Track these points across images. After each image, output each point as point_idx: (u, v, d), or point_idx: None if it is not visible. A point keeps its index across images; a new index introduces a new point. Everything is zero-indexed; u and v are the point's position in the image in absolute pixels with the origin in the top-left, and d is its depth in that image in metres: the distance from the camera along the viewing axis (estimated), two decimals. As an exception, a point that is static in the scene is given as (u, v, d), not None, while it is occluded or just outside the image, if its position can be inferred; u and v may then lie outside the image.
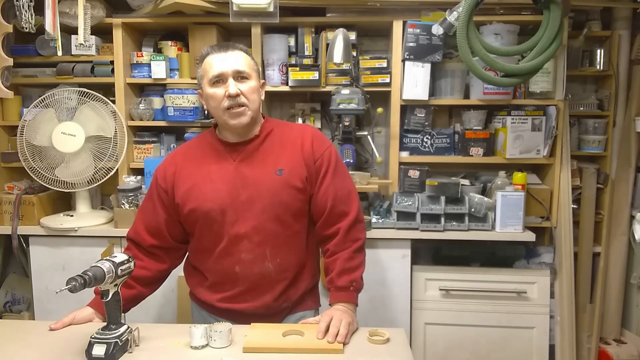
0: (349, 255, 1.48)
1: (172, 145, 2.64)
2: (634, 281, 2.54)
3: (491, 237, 2.33)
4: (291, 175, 1.46)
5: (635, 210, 2.50)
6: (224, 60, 1.43)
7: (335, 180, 1.51)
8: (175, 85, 2.47)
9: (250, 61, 1.48)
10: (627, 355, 2.45)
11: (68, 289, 1.16)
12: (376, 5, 2.30)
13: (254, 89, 1.46)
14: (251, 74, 1.46)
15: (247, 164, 1.47)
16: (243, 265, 1.46)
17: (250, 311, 1.49)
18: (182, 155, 1.56)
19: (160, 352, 1.31)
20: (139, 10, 2.45)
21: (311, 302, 1.62)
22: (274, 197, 1.44)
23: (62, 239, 2.35)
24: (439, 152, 2.49)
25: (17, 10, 1.96)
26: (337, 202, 1.49)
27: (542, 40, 1.97)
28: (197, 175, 1.49)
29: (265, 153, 1.49)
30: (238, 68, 1.43)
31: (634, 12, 2.43)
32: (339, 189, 1.51)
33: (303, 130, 1.55)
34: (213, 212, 1.45)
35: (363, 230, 1.55)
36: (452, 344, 2.37)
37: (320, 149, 1.51)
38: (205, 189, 1.46)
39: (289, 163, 1.47)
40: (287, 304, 1.54)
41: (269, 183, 1.45)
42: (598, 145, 2.53)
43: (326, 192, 1.49)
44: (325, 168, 1.50)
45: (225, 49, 1.45)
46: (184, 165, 1.52)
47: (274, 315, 1.53)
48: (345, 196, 1.51)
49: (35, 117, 2.35)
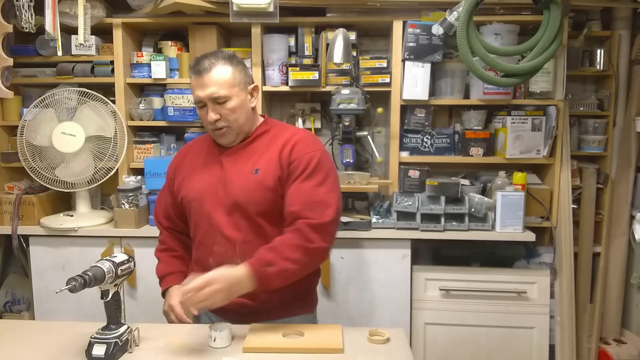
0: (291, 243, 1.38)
1: (172, 145, 2.64)
2: (634, 281, 2.54)
3: (491, 237, 2.33)
4: (265, 175, 1.46)
5: (635, 210, 2.50)
6: (200, 85, 1.44)
7: (305, 185, 1.44)
8: (175, 85, 2.47)
9: (228, 77, 1.44)
10: (627, 355, 2.45)
11: (68, 289, 1.16)
12: (376, 5, 2.30)
13: (235, 108, 1.46)
14: (229, 94, 1.44)
15: (231, 160, 1.52)
16: (215, 258, 1.47)
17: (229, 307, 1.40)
18: (188, 147, 1.68)
19: (160, 352, 1.31)
20: (139, 10, 2.45)
21: (301, 308, 1.57)
22: (246, 196, 1.46)
23: (62, 239, 2.35)
24: (439, 152, 2.49)
25: (17, 10, 1.96)
26: (304, 208, 1.41)
27: (542, 40, 1.97)
28: (191, 167, 1.59)
29: (250, 153, 1.52)
30: (213, 95, 1.43)
31: (634, 12, 2.43)
32: (310, 194, 1.43)
33: (294, 133, 1.53)
34: (195, 201, 1.53)
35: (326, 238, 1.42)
36: (452, 344, 2.37)
37: (300, 151, 1.47)
38: (193, 179, 1.55)
39: (266, 163, 1.48)
40: (266, 305, 1.48)
41: (244, 181, 1.47)
42: (598, 145, 2.53)
43: (294, 195, 1.44)
44: (299, 171, 1.45)
45: (200, 73, 1.43)
46: (186, 157, 1.63)
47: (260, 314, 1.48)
48: (314, 204, 1.42)
49: (35, 117, 2.35)
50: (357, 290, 2.32)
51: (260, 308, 1.50)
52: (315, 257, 1.44)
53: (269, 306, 1.50)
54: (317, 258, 1.46)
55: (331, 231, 1.44)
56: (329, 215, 1.41)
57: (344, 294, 2.32)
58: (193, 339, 1.38)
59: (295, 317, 1.55)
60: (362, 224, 2.28)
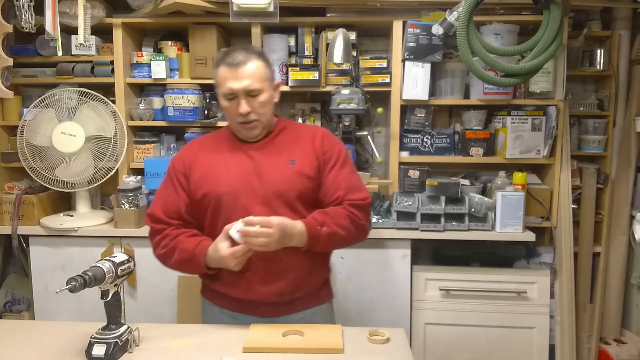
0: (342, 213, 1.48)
1: (172, 145, 2.64)
2: (634, 281, 2.54)
3: (491, 237, 2.33)
4: (303, 165, 1.52)
5: (635, 210, 2.50)
6: (234, 77, 1.45)
7: (342, 172, 1.54)
8: (175, 85, 2.47)
9: (262, 71, 1.49)
10: (627, 355, 2.45)
11: (68, 289, 1.16)
12: (376, 5, 2.30)
13: (265, 102, 1.50)
14: (262, 87, 1.48)
15: (261, 154, 1.53)
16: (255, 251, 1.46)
17: (263, 299, 1.50)
18: (198, 144, 1.62)
19: (160, 352, 1.31)
20: (139, 10, 2.45)
21: (324, 295, 1.64)
22: (286, 185, 1.49)
23: (62, 239, 2.35)
24: (439, 152, 2.49)
25: (17, 10, 1.96)
26: (348, 191, 1.51)
27: (542, 40, 1.97)
28: (212, 162, 1.54)
29: (279, 145, 1.55)
30: (248, 87, 1.45)
31: (634, 12, 2.43)
32: (349, 180, 1.54)
33: (315, 128, 1.65)
34: (226, 196, 1.49)
35: (367, 218, 1.55)
36: (452, 344, 2.37)
37: (329, 143, 1.58)
38: (220, 174, 1.51)
39: (301, 154, 1.53)
40: (301, 293, 1.54)
41: (283, 172, 1.50)
42: (598, 145, 2.53)
43: (335, 180, 1.52)
44: (334, 160, 1.55)
45: (235, 66, 1.45)
46: (200, 153, 1.58)
47: (288, 305, 1.53)
48: (354, 188, 1.53)
49: (35, 117, 2.35)
50: (357, 290, 2.32)
51: (291, 300, 1.53)
52: (360, 232, 1.53)
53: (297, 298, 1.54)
54: (361, 233, 1.54)
55: (370, 213, 1.59)
56: (368, 198, 1.55)
57: (344, 294, 2.31)
58: (193, 339, 1.38)
59: (323, 304, 1.62)
60: (362, 224, 2.28)
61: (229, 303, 1.55)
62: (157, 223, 1.54)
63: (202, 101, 2.50)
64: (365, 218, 1.54)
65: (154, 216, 1.54)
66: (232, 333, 1.41)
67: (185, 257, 1.47)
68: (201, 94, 2.49)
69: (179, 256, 1.48)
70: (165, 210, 1.54)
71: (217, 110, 2.56)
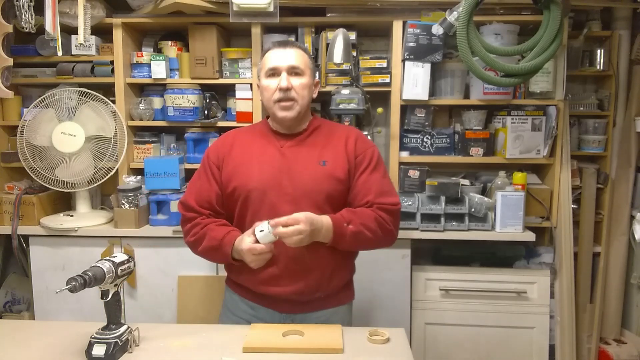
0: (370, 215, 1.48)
1: (172, 145, 2.64)
2: (634, 281, 2.54)
3: (491, 237, 2.33)
4: (334, 167, 1.53)
5: (635, 210, 2.50)
6: (281, 55, 1.52)
7: (374, 176, 1.55)
8: (175, 85, 2.47)
9: (306, 59, 1.56)
10: (627, 355, 2.45)
11: (68, 289, 1.16)
12: (376, 5, 2.30)
13: (305, 85, 1.54)
14: (305, 71, 1.54)
15: (293, 152, 1.55)
16: (279, 247, 1.47)
17: (284, 296, 1.51)
18: (233, 137, 1.64)
19: (160, 352, 1.31)
20: (139, 10, 2.44)
21: (345, 297, 1.64)
22: (315, 186, 1.50)
23: (62, 239, 2.35)
24: (439, 152, 2.49)
25: (17, 10, 1.96)
26: (378, 195, 1.52)
27: (542, 40, 1.97)
28: (244, 156, 1.56)
29: (311, 145, 1.56)
30: (292, 63, 1.51)
31: (634, 12, 2.43)
32: (380, 184, 1.54)
33: (349, 130, 1.65)
34: (255, 191, 1.50)
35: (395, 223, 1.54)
36: (452, 344, 2.37)
37: (363, 146, 1.58)
38: (251, 169, 1.53)
39: (332, 156, 1.54)
40: (321, 294, 1.55)
41: (313, 172, 1.51)
42: (598, 145, 2.53)
43: (366, 184, 1.53)
44: (366, 163, 1.55)
45: (284, 45, 1.54)
46: (234, 146, 1.59)
47: (307, 304, 1.55)
48: (385, 192, 1.54)
49: (35, 117, 2.35)
50: (357, 290, 2.30)
51: (311, 300, 1.55)
52: (387, 237, 1.53)
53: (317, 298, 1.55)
54: (387, 238, 1.54)
55: (399, 219, 1.58)
56: (399, 204, 1.55)
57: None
58: (193, 339, 1.38)
59: (342, 305, 1.62)
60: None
61: (249, 294, 1.58)
62: (189, 211, 1.57)
63: (202, 101, 2.50)
64: (394, 223, 1.54)
65: (187, 204, 1.57)
66: (232, 333, 1.42)
67: (213, 245, 1.49)
68: (201, 94, 2.49)
69: (207, 244, 1.50)
70: (198, 199, 1.56)
71: (217, 110, 2.56)
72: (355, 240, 1.47)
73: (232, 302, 1.63)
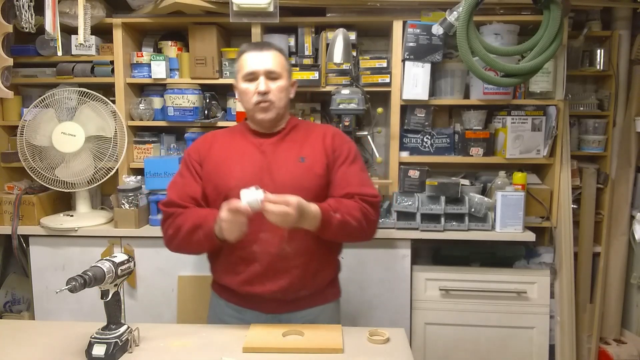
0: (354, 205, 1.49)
1: (172, 145, 2.64)
2: (634, 281, 2.54)
3: (491, 237, 2.33)
4: (313, 163, 1.55)
5: (635, 210, 2.50)
6: (257, 58, 1.54)
7: (352, 169, 1.57)
8: (175, 85, 2.47)
9: (282, 61, 1.58)
10: (627, 355, 2.45)
11: (68, 289, 1.16)
12: (376, 5, 2.30)
13: (283, 88, 1.56)
14: (282, 74, 1.56)
15: (272, 150, 1.57)
16: (261, 245, 1.49)
17: (268, 295, 1.51)
18: (212, 137, 1.65)
19: (160, 352, 1.31)
20: (139, 10, 2.45)
21: (331, 294, 1.65)
22: (296, 181, 1.51)
23: (62, 239, 2.35)
24: (439, 152, 2.49)
25: (17, 10, 1.96)
26: (359, 187, 1.54)
27: (542, 40, 1.97)
28: (224, 155, 1.58)
29: (290, 143, 1.59)
30: (269, 68, 1.53)
31: (634, 12, 2.43)
32: (359, 177, 1.57)
33: (327, 127, 1.69)
34: (236, 189, 1.46)
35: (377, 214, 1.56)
36: (452, 344, 2.37)
37: (340, 141, 1.61)
38: (231, 167, 1.55)
39: (311, 152, 1.57)
40: (306, 292, 1.55)
41: (292, 168, 1.53)
42: (598, 145, 2.53)
43: (345, 176, 1.55)
44: (344, 157, 1.58)
45: (260, 48, 1.57)
46: (214, 145, 1.61)
47: (292, 303, 1.55)
48: (365, 184, 1.56)
49: (35, 117, 2.35)
50: (357, 290, 2.32)
51: (296, 298, 1.54)
52: (370, 227, 1.54)
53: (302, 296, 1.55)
54: (370, 228, 1.55)
55: (379, 212, 1.60)
56: (378, 196, 1.57)
57: (344, 294, 2.28)
58: (193, 339, 1.38)
59: (329, 303, 1.62)
60: (362, 224, 2.28)
61: (234, 298, 1.58)
62: (171, 207, 1.52)
63: (202, 101, 2.50)
64: (376, 215, 1.56)
65: (168, 201, 1.53)
66: (232, 333, 1.42)
67: (196, 223, 1.44)
68: (201, 94, 2.49)
69: (190, 224, 1.45)
70: (181, 195, 1.53)
71: (217, 110, 2.56)
72: (341, 229, 1.45)
73: (218, 307, 1.63)
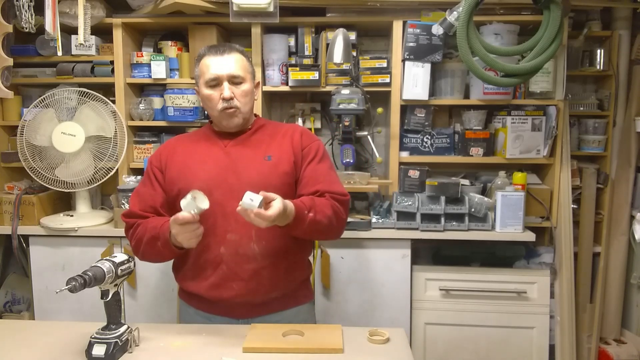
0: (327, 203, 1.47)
1: (172, 145, 2.64)
2: (634, 281, 2.54)
3: (491, 237, 2.33)
4: (280, 161, 1.53)
5: (635, 210, 2.50)
6: (219, 63, 1.51)
7: (321, 167, 1.56)
8: (175, 85, 2.47)
9: (245, 63, 1.55)
10: (627, 355, 2.45)
11: (68, 289, 1.16)
12: (376, 5, 2.30)
13: (247, 92, 1.54)
14: (245, 77, 1.53)
15: (237, 150, 1.55)
16: (228, 246, 1.47)
17: (238, 299, 1.48)
18: (175, 141, 1.64)
19: (160, 352, 1.31)
20: (139, 10, 2.45)
21: (303, 296, 1.62)
22: (262, 180, 1.49)
23: (62, 239, 2.35)
24: (439, 152, 2.49)
25: (17, 10, 1.96)
26: (328, 185, 1.52)
27: (542, 40, 1.97)
28: (188, 158, 1.56)
29: (256, 142, 1.57)
30: (232, 72, 1.50)
31: (634, 12, 2.43)
32: (328, 175, 1.55)
33: (294, 126, 1.66)
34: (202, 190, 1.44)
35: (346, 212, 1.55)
36: (452, 344, 2.37)
37: (308, 140, 1.60)
38: (195, 169, 1.53)
39: (277, 151, 1.55)
40: (277, 293, 1.52)
41: (259, 167, 1.52)
42: (598, 145, 2.53)
43: (314, 173, 1.53)
44: (312, 155, 1.57)
45: (221, 52, 1.52)
46: (176, 149, 1.59)
47: (263, 306, 1.52)
48: (333, 182, 1.55)
49: (35, 117, 2.35)
50: (357, 290, 2.32)
51: (267, 301, 1.52)
52: (339, 226, 1.54)
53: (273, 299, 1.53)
54: (340, 226, 1.54)
55: (349, 209, 1.59)
56: (347, 195, 1.55)
57: (344, 294, 2.32)
58: (193, 339, 1.38)
59: (301, 305, 1.61)
60: (362, 224, 2.28)
61: (203, 304, 1.54)
62: (131, 218, 1.53)
63: (202, 101, 2.50)
64: (346, 214, 1.54)
65: (128, 211, 1.54)
66: (232, 333, 1.41)
67: (153, 234, 1.43)
68: (201, 94, 2.49)
69: (149, 235, 1.45)
70: (141, 205, 1.54)
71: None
72: (312, 227, 1.42)
73: (187, 316, 1.59)
